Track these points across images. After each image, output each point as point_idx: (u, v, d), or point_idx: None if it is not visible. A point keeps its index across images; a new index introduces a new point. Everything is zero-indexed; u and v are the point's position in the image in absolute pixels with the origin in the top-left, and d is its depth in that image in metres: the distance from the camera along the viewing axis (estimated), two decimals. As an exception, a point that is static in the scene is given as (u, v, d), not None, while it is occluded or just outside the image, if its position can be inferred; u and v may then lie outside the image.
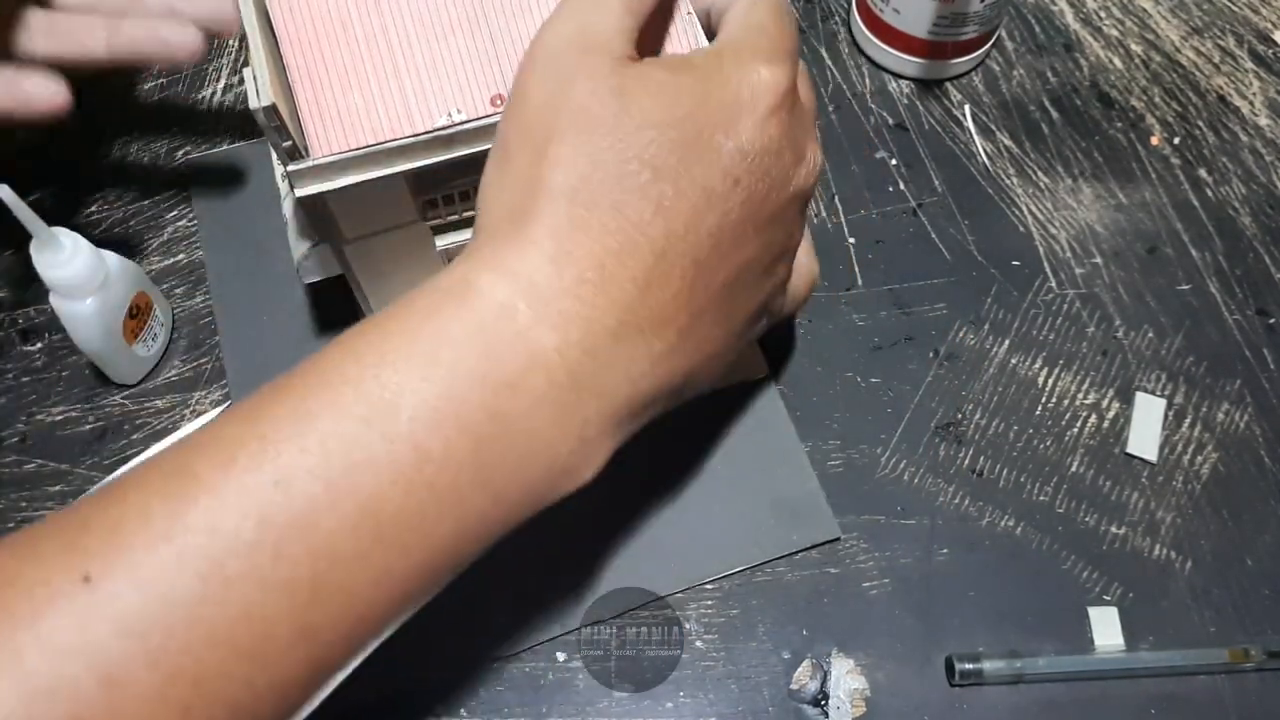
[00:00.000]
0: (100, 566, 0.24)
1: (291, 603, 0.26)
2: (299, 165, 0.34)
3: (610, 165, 0.30)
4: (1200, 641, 0.41)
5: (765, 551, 0.43)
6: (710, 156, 0.31)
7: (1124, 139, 0.54)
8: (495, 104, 0.35)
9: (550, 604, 0.42)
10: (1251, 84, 0.56)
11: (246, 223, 0.50)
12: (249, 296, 0.49)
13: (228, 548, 0.25)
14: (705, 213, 0.31)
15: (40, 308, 0.49)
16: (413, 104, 0.35)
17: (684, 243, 0.30)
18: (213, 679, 0.25)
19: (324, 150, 0.34)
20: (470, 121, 0.34)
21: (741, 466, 0.44)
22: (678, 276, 0.31)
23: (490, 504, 0.29)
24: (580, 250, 0.29)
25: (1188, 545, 0.43)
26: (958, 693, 0.40)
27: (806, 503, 0.44)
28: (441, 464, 0.27)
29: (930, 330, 0.48)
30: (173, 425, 0.46)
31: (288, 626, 0.26)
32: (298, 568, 0.26)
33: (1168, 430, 0.46)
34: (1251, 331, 0.48)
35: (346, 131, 0.34)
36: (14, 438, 0.46)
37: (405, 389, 0.27)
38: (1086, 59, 0.56)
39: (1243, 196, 0.52)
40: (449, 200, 0.38)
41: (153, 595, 0.24)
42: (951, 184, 0.52)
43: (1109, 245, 0.50)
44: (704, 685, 0.41)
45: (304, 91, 0.34)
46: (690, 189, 0.30)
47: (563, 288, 0.29)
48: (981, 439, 0.46)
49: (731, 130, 0.31)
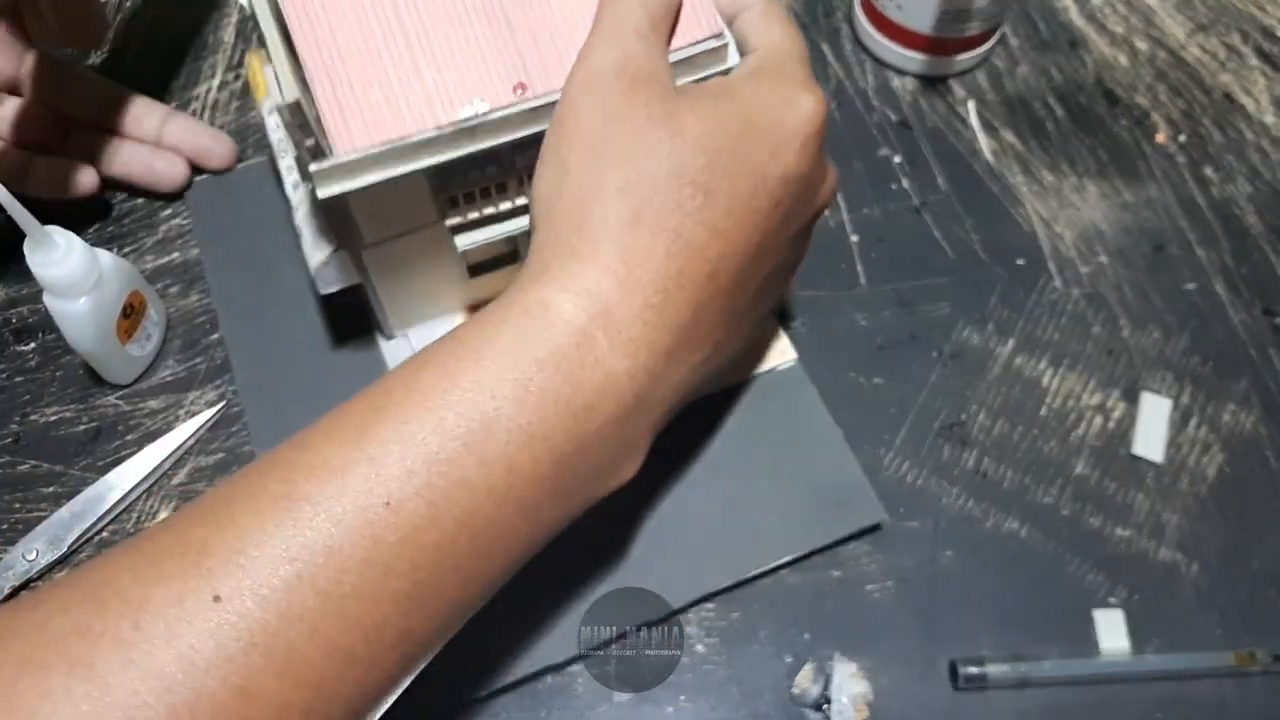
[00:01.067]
0: (228, 589, 0.26)
1: (396, 610, 0.28)
2: (322, 164, 0.33)
3: (669, 190, 0.31)
4: (1206, 644, 0.41)
5: (811, 541, 0.42)
6: (757, 180, 0.33)
7: (1129, 136, 0.53)
8: (517, 92, 0.34)
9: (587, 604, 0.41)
10: (1257, 81, 0.55)
11: (251, 245, 0.49)
12: (258, 318, 0.47)
13: (344, 566, 0.27)
14: (751, 233, 0.33)
15: (34, 307, 0.48)
16: (434, 96, 0.34)
17: (731, 262, 0.33)
18: (330, 683, 0.27)
19: (347, 147, 0.33)
20: (495, 111, 0.34)
21: (778, 455, 0.43)
22: (723, 294, 0.33)
23: (559, 510, 0.32)
24: (647, 276, 0.31)
25: (1194, 547, 0.43)
26: (961, 697, 0.40)
27: (849, 488, 0.43)
28: (528, 480, 0.30)
29: (934, 330, 0.48)
30: (167, 426, 0.45)
31: (392, 631, 0.28)
32: (403, 580, 0.28)
33: (1173, 431, 0.45)
34: (1258, 331, 0.48)
35: (369, 127, 0.33)
36: (7, 438, 0.46)
37: (501, 414, 0.29)
38: (1091, 56, 0.56)
39: (1248, 195, 0.51)
40: (469, 199, 0.38)
41: (277, 613, 0.26)
42: (955, 182, 0.52)
43: (1114, 244, 0.50)
44: (705, 689, 0.40)
45: (322, 89, 0.33)
46: (740, 211, 0.32)
47: (632, 314, 0.31)
48: (986, 440, 0.45)
49: (777, 155, 0.33)
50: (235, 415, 0.46)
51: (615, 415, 0.31)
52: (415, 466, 0.28)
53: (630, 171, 0.31)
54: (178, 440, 0.45)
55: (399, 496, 0.28)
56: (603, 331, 0.31)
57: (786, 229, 0.35)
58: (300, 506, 0.28)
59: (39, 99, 0.48)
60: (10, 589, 0.42)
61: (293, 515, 0.27)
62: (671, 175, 0.31)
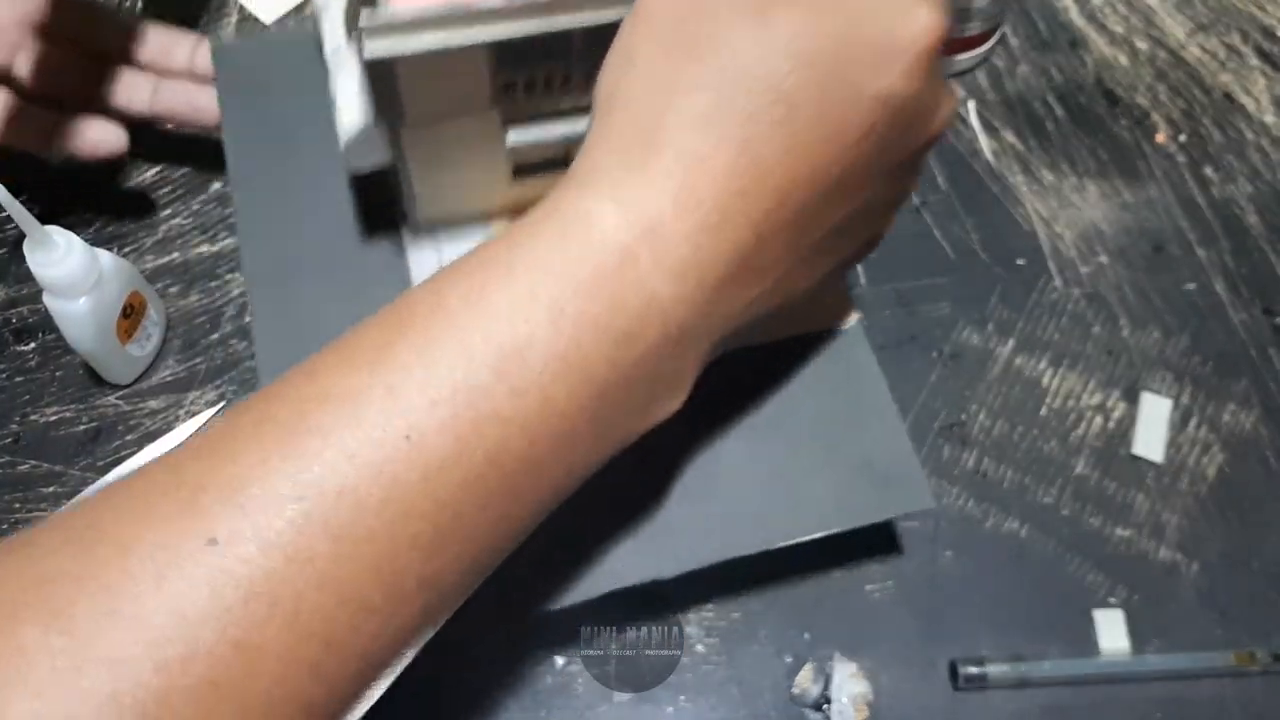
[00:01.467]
0: (226, 530, 0.23)
1: (417, 555, 0.25)
2: (375, 19, 0.29)
3: (744, 94, 0.27)
4: (1206, 644, 0.41)
5: (851, 518, 0.38)
6: (852, 98, 0.28)
7: (1129, 136, 0.53)
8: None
9: (626, 555, 0.37)
10: (1257, 81, 0.55)
11: (278, 118, 0.45)
12: (277, 201, 0.43)
13: (359, 505, 0.24)
14: (834, 159, 0.28)
15: (34, 307, 0.48)
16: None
17: (805, 189, 0.28)
18: (343, 635, 0.24)
19: (405, 1, 0.30)
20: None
21: (827, 421, 0.40)
22: (791, 223, 0.29)
23: (598, 444, 0.29)
24: (705, 191, 0.27)
25: (1194, 547, 0.43)
26: (961, 697, 0.40)
27: (898, 466, 0.39)
28: (564, 413, 0.27)
29: (934, 330, 0.48)
30: (167, 426, 0.45)
31: (413, 578, 0.25)
32: (424, 521, 0.25)
33: (1173, 431, 0.45)
34: (1258, 331, 0.48)
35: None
36: (7, 438, 0.46)
37: (536, 339, 0.26)
38: (1092, 56, 0.56)
39: (1249, 194, 0.51)
40: (530, 87, 0.34)
41: (284, 558, 0.23)
42: (955, 181, 0.52)
43: (1114, 244, 0.50)
44: (705, 689, 0.40)
45: None
46: (824, 131, 0.28)
47: (684, 233, 0.27)
48: (986, 440, 0.45)
49: (879, 73, 0.28)
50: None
51: (658, 344, 0.28)
52: (440, 397, 0.25)
53: (702, 67, 0.27)
54: (176, 440, 0.45)
55: (421, 429, 0.25)
56: (649, 250, 0.27)
57: (882, 159, 0.30)
58: (309, 440, 0.24)
59: (60, 38, 0.45)
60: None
61: (300, 449, 0.24)
62: (749, 78, 0.27)
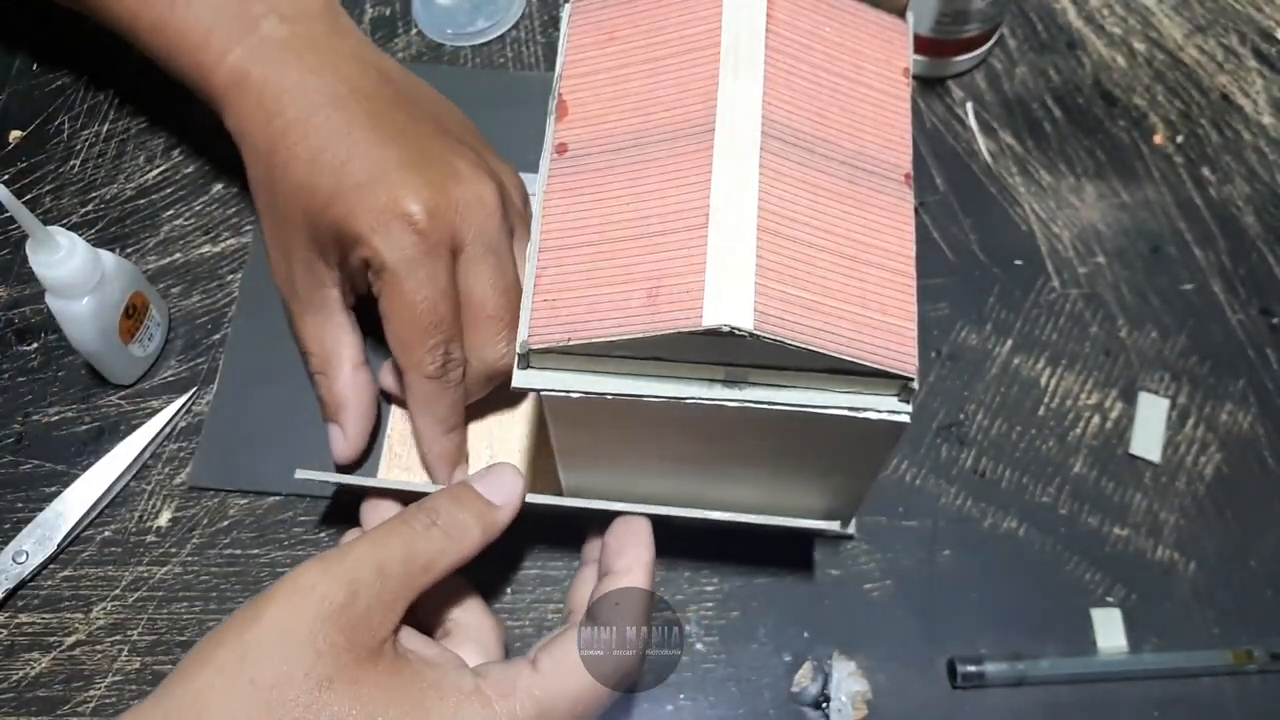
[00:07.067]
0: None
1: None
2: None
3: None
4: (1203, 643, 0.41)
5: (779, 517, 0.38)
6: None
7: (1127, 137, 0.53)
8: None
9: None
10: (1255, 82, 0.55)
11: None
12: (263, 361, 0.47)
13: None
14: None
15: (36, 307, 0.49)
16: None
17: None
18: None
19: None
20: None
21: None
22: None
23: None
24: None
25: (1191, 546, 0.43)
26: (960, 695, 0.40)
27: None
28: None
29: (932, 330, 0.48)
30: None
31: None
32: None
33: (1171, 431, 0.46)
34: (1255, 331, 0.48)
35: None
36: (10, 438, 0.46)
37: None
38: (1089, 57, 0.56)
39: (1246, 195, 0.52)
40: None
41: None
42: (953, 182, 0.52)
43: (1112, 244, 0.50)
44: (704, 688, 0.40)
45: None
46: None
47: None
48: (984, 440, 0.45)
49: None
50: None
51: None
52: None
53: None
54: (147, 437, 0.45)
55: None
56: None
57: None
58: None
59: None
60: (5, 591, 0.42)
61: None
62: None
